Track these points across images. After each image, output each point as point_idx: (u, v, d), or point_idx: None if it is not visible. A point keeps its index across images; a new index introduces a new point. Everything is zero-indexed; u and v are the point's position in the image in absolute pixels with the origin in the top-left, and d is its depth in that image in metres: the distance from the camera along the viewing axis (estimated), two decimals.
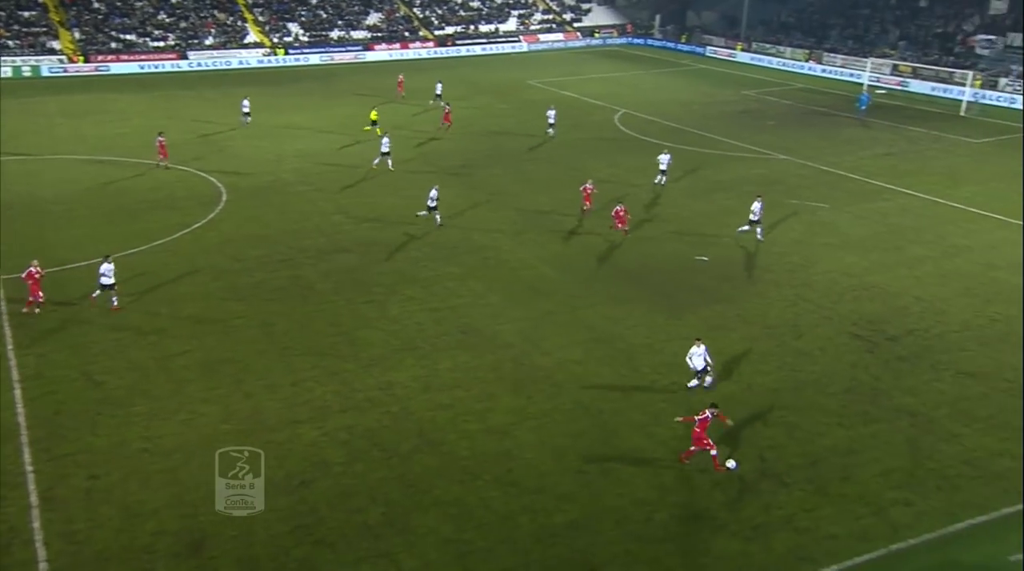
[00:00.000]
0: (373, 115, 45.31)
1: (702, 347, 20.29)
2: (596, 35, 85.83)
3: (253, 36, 71.17)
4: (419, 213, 31.15)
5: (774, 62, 70.94)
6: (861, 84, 58.13)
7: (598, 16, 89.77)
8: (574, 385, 20.80)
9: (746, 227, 29.33)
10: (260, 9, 74.33)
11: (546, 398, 20.28)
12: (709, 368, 20.39)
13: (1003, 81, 56.05)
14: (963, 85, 54.19)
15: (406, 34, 77.40)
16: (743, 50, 75.63)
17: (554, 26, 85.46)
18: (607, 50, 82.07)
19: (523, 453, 18.22)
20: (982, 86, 55.38)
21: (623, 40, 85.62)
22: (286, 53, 69.95)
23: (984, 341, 22.90)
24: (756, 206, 29.20)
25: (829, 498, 16.86)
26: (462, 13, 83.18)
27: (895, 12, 70.39)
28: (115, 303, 23.91)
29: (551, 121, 44.98)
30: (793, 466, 17.84)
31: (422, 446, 18.45)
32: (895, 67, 61.97)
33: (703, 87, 60.75)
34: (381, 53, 74.11)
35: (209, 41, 69.18)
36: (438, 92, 50.93)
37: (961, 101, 52.80)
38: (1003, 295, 25.53)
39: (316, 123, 47.49)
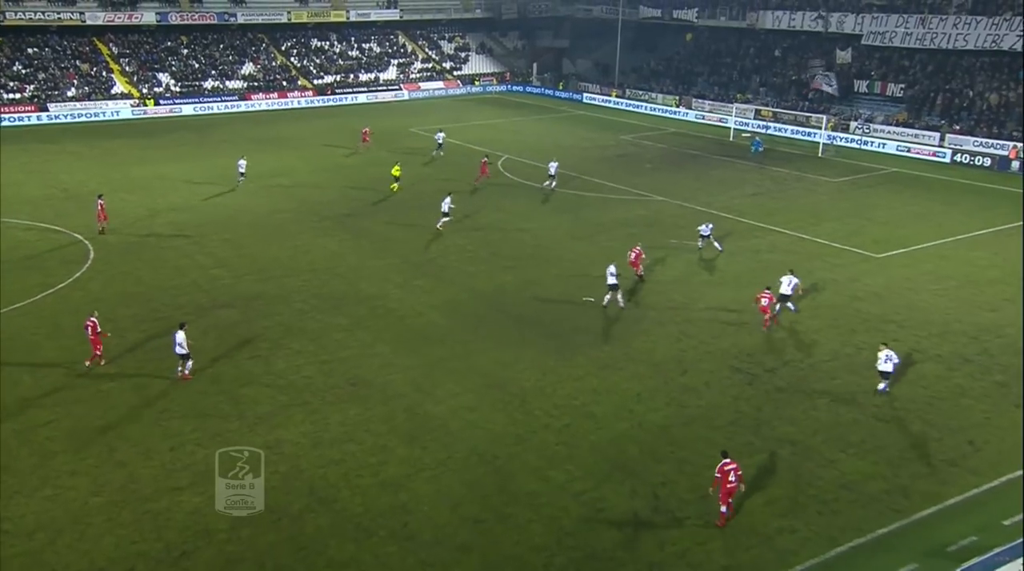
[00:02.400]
0: (396, 171, 43.46)
1: (889, 351, 22.21)
2: (476, 83, 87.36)
3: (120, 87, 68.64)
4: (439, 224, 35.02)
5: (648, 107, 73.82)
6: (729, 128, 61.25)
7: (477, 64, 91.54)
8: (468, 432, 20.60)
9: (778, 307, 26.85)
10: (127, 59, 71.87)
11: (441, 447, 19.99)
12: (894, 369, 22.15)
13: (853, 124, 60.39)
14: (819, 128, 58.00)
15: (284, 83, 76.49)
16: (618, 96, 78.55)
17: (434, 74, 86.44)
18: (488, 97, 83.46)
19: (419, 506, 17.85)
20: (834, 129, 59.44)
21: (503, 88, 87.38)
22: (156, 103, 67.83)
23: (852, 369, 24.11)
24: (787, 282, 27.12)
25: (720, 531, 17.25)
26: (341, 62, 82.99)
27: (754, 61, 75.04)
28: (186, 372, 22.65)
29: (439, 141, 47.21)
30: (685, 501, 18.16)
31: (313, 505, 17.81)
32: (757, 112, 65.80)
33: (582, 132, 62.44)
34: (259, 102, 72.91)
35: (72, 92, 66.27)
36: (439, 141, 50.44)
37: (818, 143, 56.41)
38: (866, 325, 27.09)
39: (192, 174, 46.04)
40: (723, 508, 17.28)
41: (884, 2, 65.17)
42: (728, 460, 17.33)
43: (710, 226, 34.24)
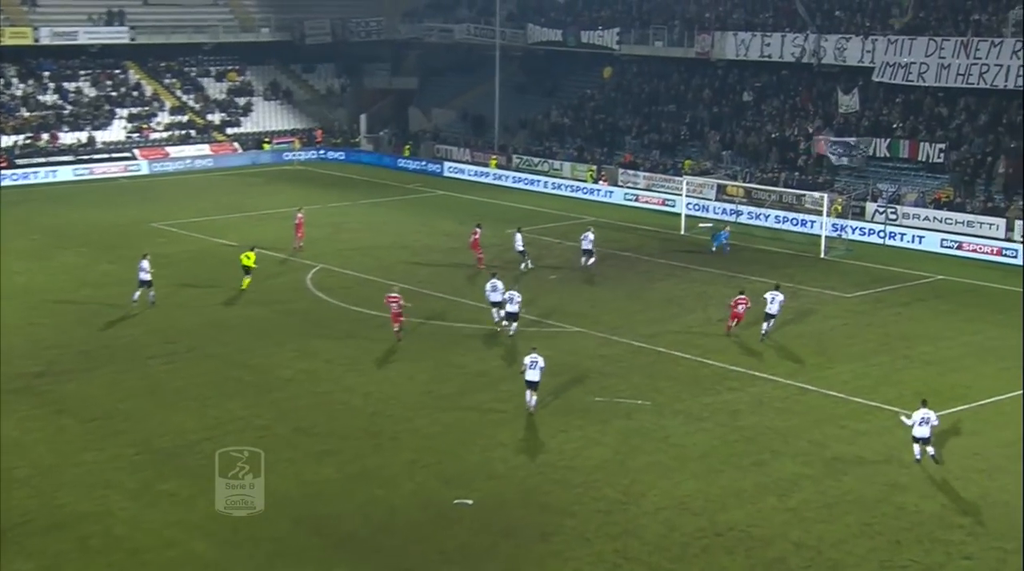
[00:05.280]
0: (248, 260, 48.03)
1: (928, 411, 28.93)
2: (267, 146, 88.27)
3: None
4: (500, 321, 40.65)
5: (549, 184, 76.27)
6: (678, 215, 63.51)
7: (266, 117, 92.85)
8: None
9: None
10: None
11: None
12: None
13: (871, 207, 63.71)
14: (819, 213, 60.59)
15: None
16: (500, 166, 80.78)
17: (193, 133, 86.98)
18: (287, 170, 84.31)
19: None
20: (842, 214, 62.39)
21: (312, 154, 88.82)
22: None
23: None
24: (771, 298, 40.29)
25: None
26: (25, 114, 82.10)
27: (712, 109, 78.94)
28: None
29: (521, 248, 52.73)
30: None
31: None
32: (721, 189, 68.78)
33: (444, 224, 63.31)
34: None
35: None
36: (520, 248, 52.98)
37: (819, 237, 58.97)
38: (917, 532, 27.45)
39: None
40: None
41: (906, 21, 70.19)
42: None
43: (520, 236, 36.89)
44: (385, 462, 30.98)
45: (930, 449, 30.85)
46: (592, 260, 52.64)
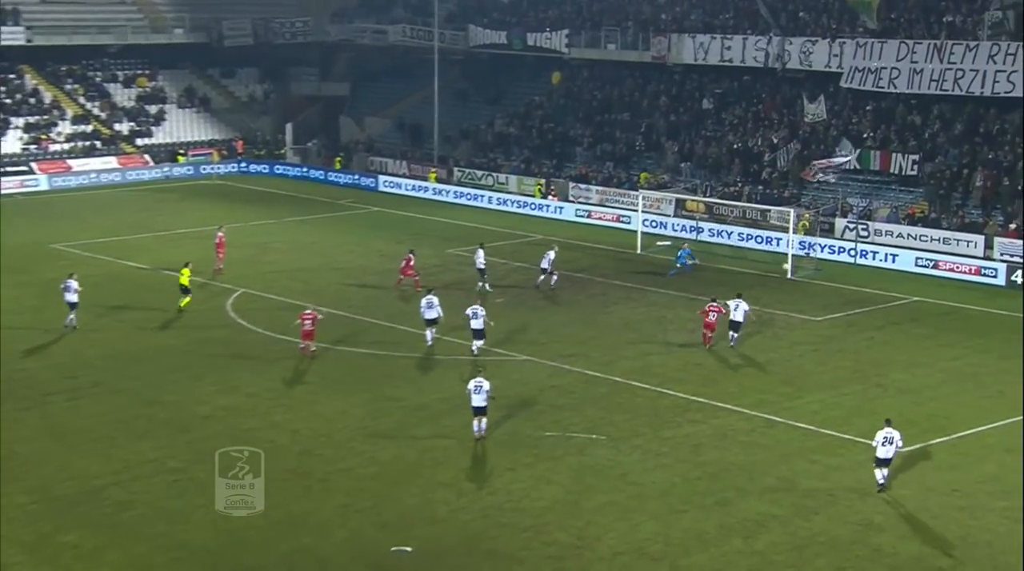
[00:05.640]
0: (184, 278, 48.75)
1: (892, 430, 30.99)
2: (181, 159, 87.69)
3: None
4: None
5: (493, 199, 76.29)
6: (634, 232, 63.76)
7: (180, 126, 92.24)
8: None
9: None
10: None
11: None
12: None
13: (841, 222, 64.26)
14: (784, 229, 60.88)
15: None
16: (440, 180, 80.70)
17: (98, 144, 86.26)
18: (205, 185, 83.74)
19: None
20: (809, 230, 62.52)
21: (232, 167, 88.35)
22: None
23: None
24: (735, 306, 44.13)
25: None
26: None
27: (669, 117, 79.39)
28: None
29: (480, 265, 53.62)
30: None
31: None
32: (680, 204, 69.13)
33: (379, 243, 63.25)
34: None
35: None
36: (480, 265, 53.90)
37: (785, 255, 59.17)
38: None
39: None
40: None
41: (878, 25, 70.87)
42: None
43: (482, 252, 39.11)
44: (314, 507, 30.66)
45: (883, 471, 31.58)
46: (555, 278, 53.27)
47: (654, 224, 66.01)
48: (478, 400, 34.62)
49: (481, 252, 53.45)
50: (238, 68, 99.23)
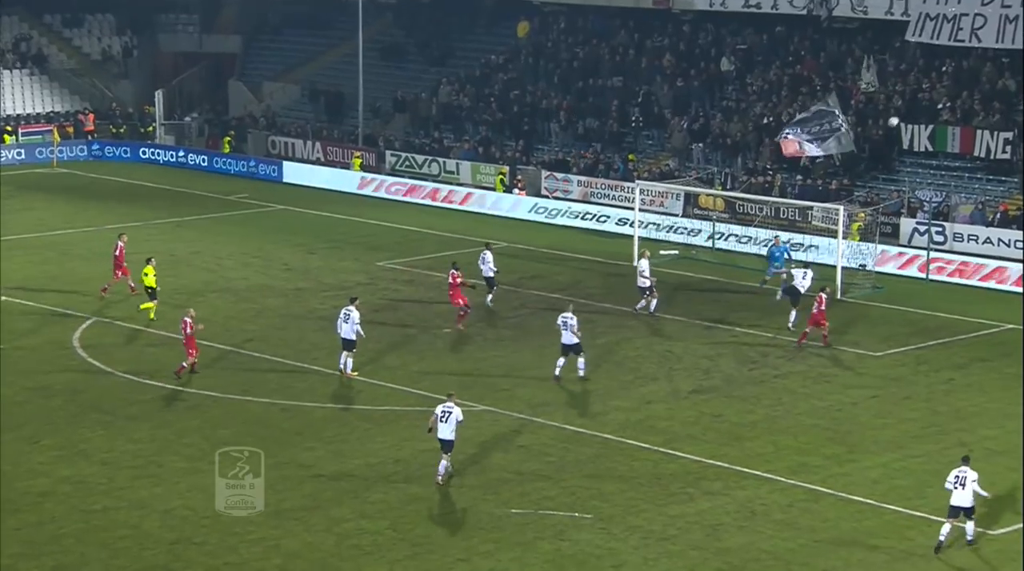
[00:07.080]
0: (149, 278, 52.06)
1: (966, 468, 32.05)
2: (9, 140, 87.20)
3: None
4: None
5: (439, 193, 76.43)
6: (629, 237, 63.70)
7: (6, 94, 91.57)
8: None
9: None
10: None
11: None
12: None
13: (908, 224, 64.45)
14: (832, 233, 60.64)
15: None
16: (366, 168, 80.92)
17: None
18: (42, 175, 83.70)
19: None
20: (864, 234, 62.73)
21: (80, 150, 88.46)
22: None
23: None
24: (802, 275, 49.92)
25: None
26: None
27: (676, 83, 79.27)
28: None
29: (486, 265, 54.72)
30: None
31: None
32: (690, 198, 69.14)
33: (284, 254, 63.70)
34: None
35: None
36: (490, 272, 54.96)
37: (833, 267, 58.70)
38: None
39: None
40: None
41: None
42: None
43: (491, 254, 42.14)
44: None
45: (969, 527, 31.48)
46: (655, 301, 53.91)
47: (656, 226, 66.18)
48: (445, 431, 35.47)
49: (489, 255, 53.71)
50: (87, 14, 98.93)
